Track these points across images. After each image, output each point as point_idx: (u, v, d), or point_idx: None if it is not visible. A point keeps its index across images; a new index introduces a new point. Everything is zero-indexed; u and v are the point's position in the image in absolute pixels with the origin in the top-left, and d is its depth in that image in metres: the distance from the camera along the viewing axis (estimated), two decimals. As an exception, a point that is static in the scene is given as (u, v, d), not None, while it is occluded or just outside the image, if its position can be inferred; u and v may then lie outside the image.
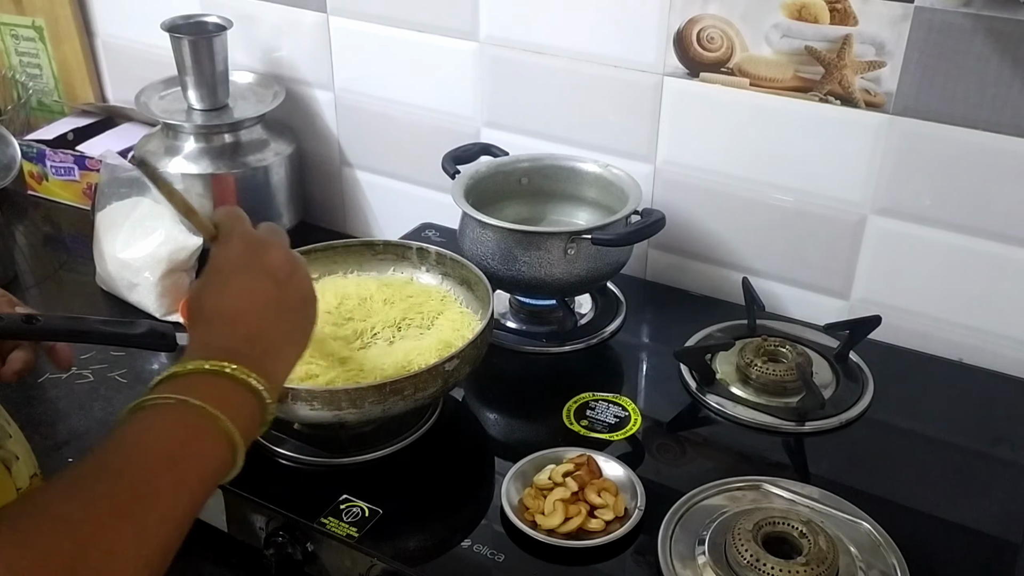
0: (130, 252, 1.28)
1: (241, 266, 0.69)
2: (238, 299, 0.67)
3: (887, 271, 1.17)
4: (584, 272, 1.13)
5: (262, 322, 0.66)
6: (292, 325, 0.70)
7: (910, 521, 0.91)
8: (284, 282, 0.69)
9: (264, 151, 1.42)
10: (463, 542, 0.87)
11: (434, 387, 0.93)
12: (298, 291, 0.71)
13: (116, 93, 1.74)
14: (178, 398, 0.57)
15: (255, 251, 0.70)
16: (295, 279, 0.71)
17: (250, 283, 0.68)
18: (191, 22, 1.40)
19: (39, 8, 1.68)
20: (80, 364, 1.18)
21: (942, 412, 1.07)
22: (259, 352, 0.64)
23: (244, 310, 0.66)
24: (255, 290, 0.68)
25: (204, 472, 0.57)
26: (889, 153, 1.11)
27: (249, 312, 0.66)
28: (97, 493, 0.51)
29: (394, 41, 1.38)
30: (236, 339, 0.64)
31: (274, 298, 0.68)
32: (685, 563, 0.84)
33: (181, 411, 0.57)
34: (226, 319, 0.65)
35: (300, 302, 0.71)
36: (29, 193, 1.62)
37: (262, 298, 0.67)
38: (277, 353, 0.67)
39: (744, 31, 1.13)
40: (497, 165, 1.26)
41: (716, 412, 1.05)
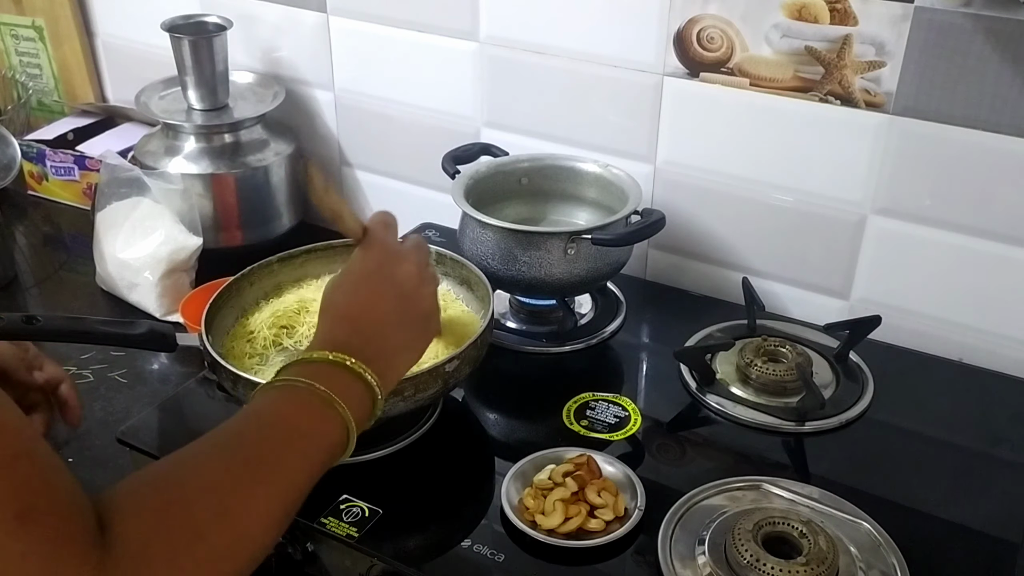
0: (130, 252, 1.28)
1: (373, 273, 0.75)
2: (364, 303, 0.73)
3: (887, 271, 1.18)
4: (584, 272, 1.13)
5: (382, 327, 0.72)
6: (410, 335, 0.76)
7: (910, 521, 0.91)
8: (409, 295, 0.76)
9: (264, 151, 1.42)
10: (463, 542, 0.87)
11: (434, 388, 0.93)
12: (421, 305, 0.77)
13: (116, 93, 1.74)
14: (306, 382, 0.64)
15: (390, 261, 0.76)
16: (420, 294, 0.77)
17: (378, 290, 0.74)
18: (191, 22, 1.40)
19: (39, 8, 1.68)
20: (80, 364, 1.18)
21: (942, 412, 1.07)
22: (375, 353, 0.69)
23: (368, 314, 0.72)
24: (381, 297, 0.74)
25: (324, 450, 0.63)
26: (889, 153, 1.11)
27: (372, 316, 0.72)
28: (237, 457, 0.59)
29: (394, 41, 1.38)
30: (357, 338, 0.70)
31: (396, 308, 0.74)
32: (685, 563, 0.84)
33: (308, 394, 0.64)
34: (351, 319, 0.72)
35: (422, 316, 0.78)
36: (29, 193, 1.62)
37: (385, 306, 0.74)
38: (391, 357, 0.72)
39: (744, 31, 1.13)
40: (497, 165, 1.26)
41: (716, 412, 1.05)
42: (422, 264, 0.79)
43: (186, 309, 1.19)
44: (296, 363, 0.67)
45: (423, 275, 0.78)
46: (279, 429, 0.62)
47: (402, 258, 0.77)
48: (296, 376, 0.65)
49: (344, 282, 0.75)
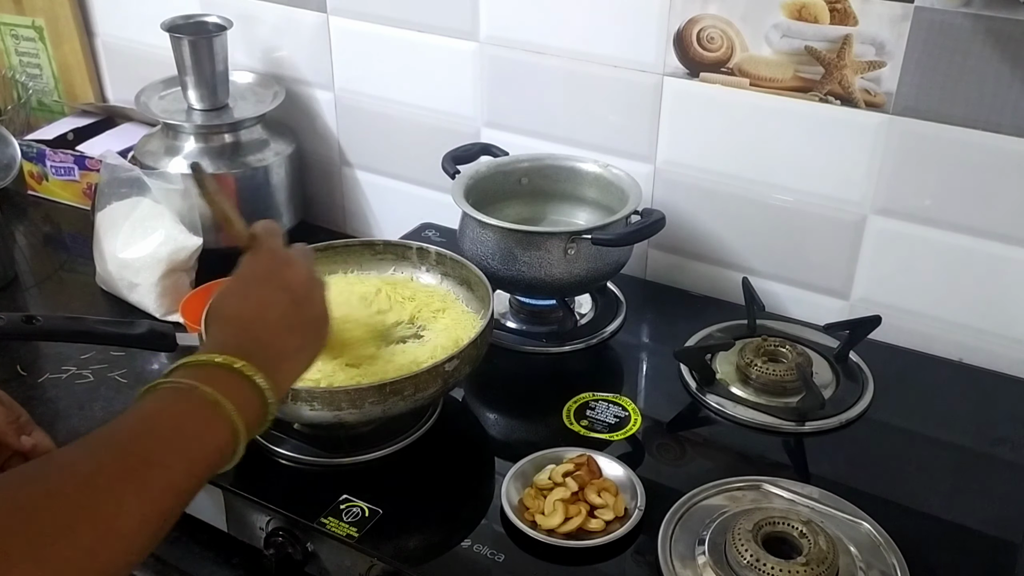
0: (130, 252, 1.28)
1: (263, 277, 0.74)
2: (255, 306, 0.72)
3: (887, 271, 1.18)
4: (584, 272, 1.13)
5: (273, 331, 0.71)
6: (302, 339, 0.74)
7: (910, 521, 0.91)
8: (301, 299, 0.74)
9: (264, 151, 1.42)
10: (463, 542, 0.87)
11: (434, 387, 0.93)
12: (313, 310, 0.76)
13: (116, 93, 1.74)
14: (190, 383, 0.62)
15: (279, 266, 0.75)
16: (311, 298, 0.76)
17: (269, 294, 0.73)
18: (191, 22, 1.40)
19: (39, 8, 1.68)
20: (80, 364, 1.18)
21: (942, 412, 1.07)
22: (267, 357, 0.68)
23: (259, 317, 0.71)
24: (272, 301, 0.72)
25: (208, 453, 0.61)
26: (889, 153, 1.11)
27: (263, 320, 0.71)
28: (109, 454, 0.56)
29: (394, 41, 1.38)
30: (248, 341, 0.68)
31: (288, 312, 0.73)
32: (685, 563, 0.84)
33: (192, 395, 0.62)
34: (241, 322, 0.70)
35: (313, 321, 0.76)
36: (29, 193, 1.62)
37: (277, 310, 0.72)
38: (283, 361, 0.70)
39: (744, 31, 1.13)
40: (497, 165, 1.26)
41: (716, 412, 1.05)
42: (311, 269, 0.78)
43: (186, 309, 1.19)
44: (183, 366, 0.64)
45: (311, 280, 0.77)
46: (159, 429, 0.60)
47: (292, 263, 0.76)
48: (182, 378, 0.63)
49: (234, 287, 0.74)
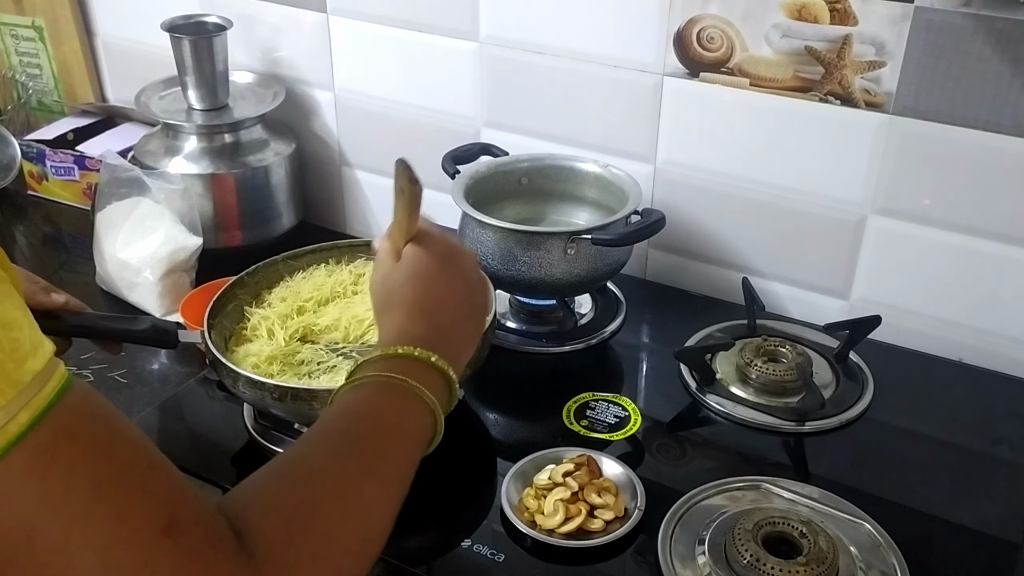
0: (130, 252, 1.28)
1: (443, 266, 0.76)
2: (438, 295, 0.74)
3: (887, 271, 1.18)
4: (584, 272, 1.13)
5: (454, 317, 0.74)
6: (475, 325, 0.78)
7: (910, 521, 0.91)
8: (475, 287, 0.78)
9: (264, 151, 1.42)
10: (463, 542, 0.87)
11: (434, 387, 0.92)
12: (483, 297, 0.80)
13: (116, 93, 1.74)
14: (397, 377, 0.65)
15: (455, 256, 0.78)
16: (482, 286, 0.80)
17: (450, 284, 0.75)
18: (191, 22, 1.40)
19: (39, 8, 1.68)
20: (80, 364, 1.18)
21: (942, 412, 1.07)
22: (447, 343, 0.71)
23: (441, 306, 0.74)
24: (451, 291, 0.75)
25: (420, 442, 0.65)
26: (889, 153, 1.11)
27: (445, 309, 0.74)
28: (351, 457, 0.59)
29: (394, 41, 1.38)
30: (431, 329, 0.71)
31: (466, 298, 0.76)
32: (685, 563, 0.84)
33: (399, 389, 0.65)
34: (426, 312, 0.73)
35: (483, 307, 0.81)
36: (29, 193, 1.62)
37: (455, 299, 0.75)
38: (461, 346, 0.75)
39: (744, 31, 1.13)
40: (497, 165, 1.26)
41: (716, 412, 1.05)
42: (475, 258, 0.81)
43: (186, 309, 1.19)
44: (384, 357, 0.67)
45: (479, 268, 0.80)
46: (381, 425, 0.63)
47: (464, 253, 0.79)
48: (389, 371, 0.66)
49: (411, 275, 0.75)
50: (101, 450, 0.45)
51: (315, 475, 0.56)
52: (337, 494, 0.56)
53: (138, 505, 0.45)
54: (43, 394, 0.43)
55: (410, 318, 0.72)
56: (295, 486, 0.55)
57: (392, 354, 0.67)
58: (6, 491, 0.42)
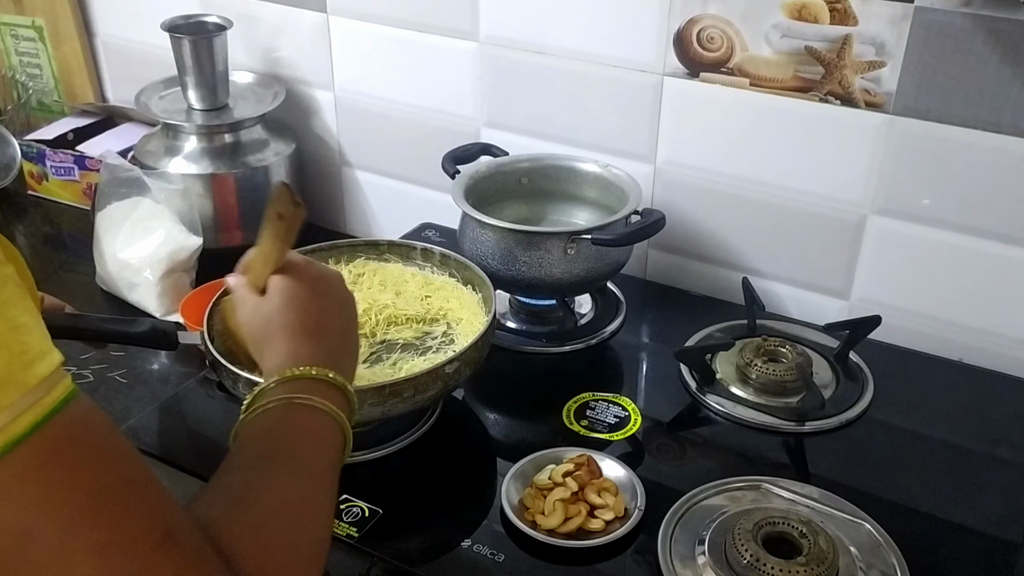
0: (130, 252, 1.28)
1: (315, 290, 0.77)
2: (318, 317, 0.75)
3: (887, 271, 1.18)
4: (584, 272, 1.13)
5: (337, 334, 0.76)
6: (355, 340, 0.80)
7: (910, 521, 0.91)
8: (347, 302, 0.80)
9: (264, 151, 1.42)
10: (463, 542, 0.87)
11: (434, 389, 0.92)
12: (354, 310, 0.81)
13: (116, 93, 1.74)
14: (301, 397, 0.67)
15: (323, 278, 0.79)
16: (351, 301, 0.81)
17: (325, 303, 0.77)
18: (191, 22, 1.40)
19: (39, 8, 1.68)
20: (80, 364, 1.18)
21: (942, 412, 1.07)
22: (337, 359, 0.73)
23: (324, 325, 0.75)
24: (329, 309, 0.77)
25: (336, 452, 0.68)
26: (889, 153, 1.11)
27: (328, 327, 0.76)
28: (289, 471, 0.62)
29: (394, 41, 1.38)
30: (320, 350, 0.73)
31: (344, 315, 0.78)
32: (685, 563, 0.84)
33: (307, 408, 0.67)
34: (310, 333, 0.74)
35: (355, 320, 0.82)
36: (29, 193, 1.62)
37: (335, 315, 0.77)
38: (350, 360, 0.77)
39: (744, 31, 1.13)
40: (497, 165, 1.26)
41: (716, 412, 1.05)
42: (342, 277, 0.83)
43: (186, 309, 1.19)
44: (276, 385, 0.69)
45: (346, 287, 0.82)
46: (301, 441, 0.65)
47: (330, 274, 0.81)
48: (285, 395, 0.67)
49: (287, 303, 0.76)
50: (103, 458, 0.46)
51: (262, 491, 0.59)
52: (288, 508, 0.59)
53: (139, 513, 0.46)
54: (48, 399, 0.44)
55: (296, 342, 0.73)
56: (249, 509, 0.57)
57: (289, 377, 0.69)
58: (7, 491, 0.42)
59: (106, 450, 0.46)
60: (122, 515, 0.45)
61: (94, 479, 0.45)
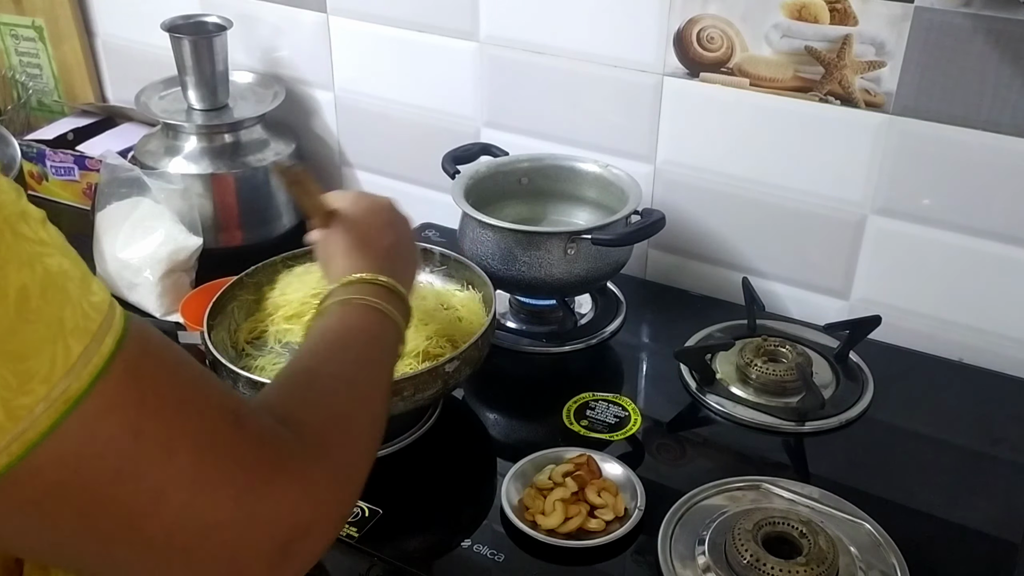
0: (130, 252, 1.28)
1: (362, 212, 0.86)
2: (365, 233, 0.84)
3: (887, 271, 1.18)
4: (584, 272, 1.13)
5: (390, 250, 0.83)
6: (409, 250, 0.88)
7: (910, 521, 0.91)
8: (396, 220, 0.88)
9: (264, 151, 1.42)
10: (463, 542, 0.87)
11: (434, 388, 0.92)
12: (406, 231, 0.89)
13: (116, 93, 1.74)
14: (357, 298, 0.75)
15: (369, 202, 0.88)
16: (404, 223, 0.90)
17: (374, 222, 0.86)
18: (191, 22, 1.40)
19: (39, 8, 1.68)
20: (80, 364, 1.18)
21: (942, 412, 1.07)
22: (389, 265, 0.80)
23: (371, 239, 0.83)
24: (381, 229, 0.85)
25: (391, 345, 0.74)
26: (889, 153, 1.11)
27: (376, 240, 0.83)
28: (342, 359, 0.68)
29: (394, 41, 1.38)
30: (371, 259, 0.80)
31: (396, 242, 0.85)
32: (685, 563, 0.84)
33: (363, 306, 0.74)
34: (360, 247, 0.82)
35: (415, 248, 0.91)
36: (29, 193, 1.60)
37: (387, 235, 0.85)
38: (404, 269, 0.84)
39: (744, 31, 1.13)
40: (497, 165, 1.26)
41: (716, 412, 1.05)
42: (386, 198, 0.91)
43: (186, 309, 1.19)
44: (336, 290, 0.76)
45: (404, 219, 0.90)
46: (360, 333, 0.72)
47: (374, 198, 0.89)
48: (363, 294, 0.75)
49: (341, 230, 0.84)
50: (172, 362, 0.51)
51: (324, 377, 0.65)
52: (344, 387, 0.65)
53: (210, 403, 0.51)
54: (116, 322, 0.48)
55: (349, 257, 0.81)
56: (309, 388, 0.63)
57: (345, 283, 0.77)
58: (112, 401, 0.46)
59: (171, 356, 0.51)
60: (202, 405, 0.50)
61: (172, 380, 0.50)
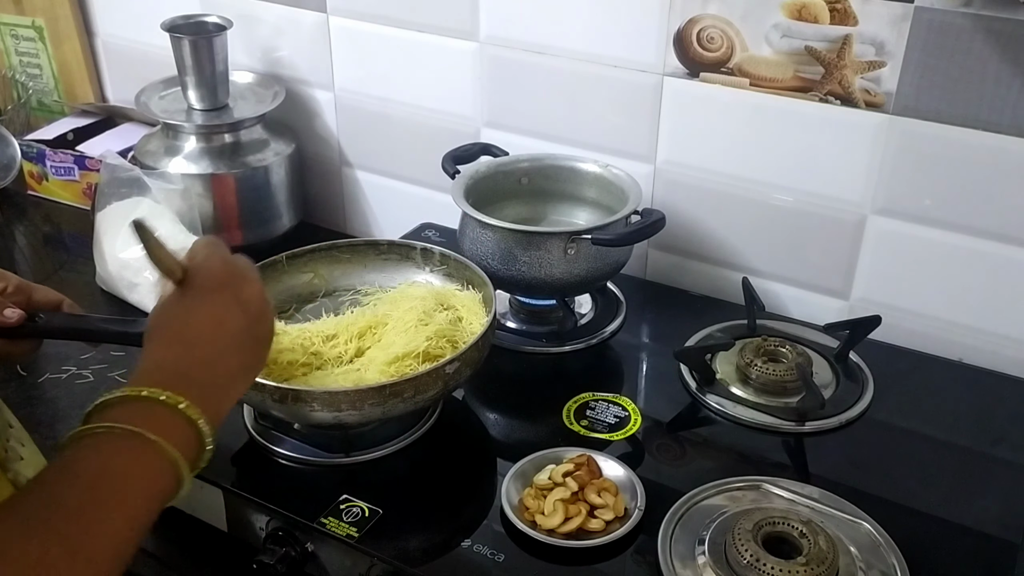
0: (130, 252, 1.28)
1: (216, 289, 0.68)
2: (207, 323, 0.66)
3: (887, 271, 1.18)
4: (584, 272, 1.13)
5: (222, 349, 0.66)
6: (251, 359, 0.70)
7: (910, 521, 0.91)
8: (255, 317, 0.70)
9: (264, 151, 1.42)
10: (463, 542, 0.87)
11: (434, 389, 0.92)
12: (263, 329, 0.71)
13: (116, 93, 1.74)
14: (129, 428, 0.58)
15: (233, 279, 0.70)
16: (264, 317, 0.71)
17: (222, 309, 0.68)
18: (191, 22, 1.40)
19: (39, 8, 1.68)
20: (80, 364, 1.18)
21: (942, 412, 1.07)
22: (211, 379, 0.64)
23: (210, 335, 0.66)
24: (225, 317, 0.67)
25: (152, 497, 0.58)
26: (889, 153, 1.11)
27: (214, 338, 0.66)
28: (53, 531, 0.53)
29: (394, 41, 1.38)
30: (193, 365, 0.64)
31: (241, 328, 0.68)
32: (685, 563, 0.84)
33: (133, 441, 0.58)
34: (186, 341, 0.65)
35: (263, 340, 0.71)
36: (29, 193, 1.62)
37: (229, 326, 0.67)
38: (228, 383, 0.67)
39: (744, 31, 1.13)
40: (497, 165, 1.26)
41: (716, 412, 1.05)
42: (262, 285, 0.73)
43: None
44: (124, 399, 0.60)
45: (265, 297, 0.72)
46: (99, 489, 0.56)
47: (246, 277, 0.71)
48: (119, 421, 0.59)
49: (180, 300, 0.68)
50: None
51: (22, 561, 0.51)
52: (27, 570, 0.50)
53: None
54: None
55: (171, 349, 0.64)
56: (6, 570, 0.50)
57: (134, 396, 0.60)
58: None
59: None
60: None
61: None
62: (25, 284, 0.85)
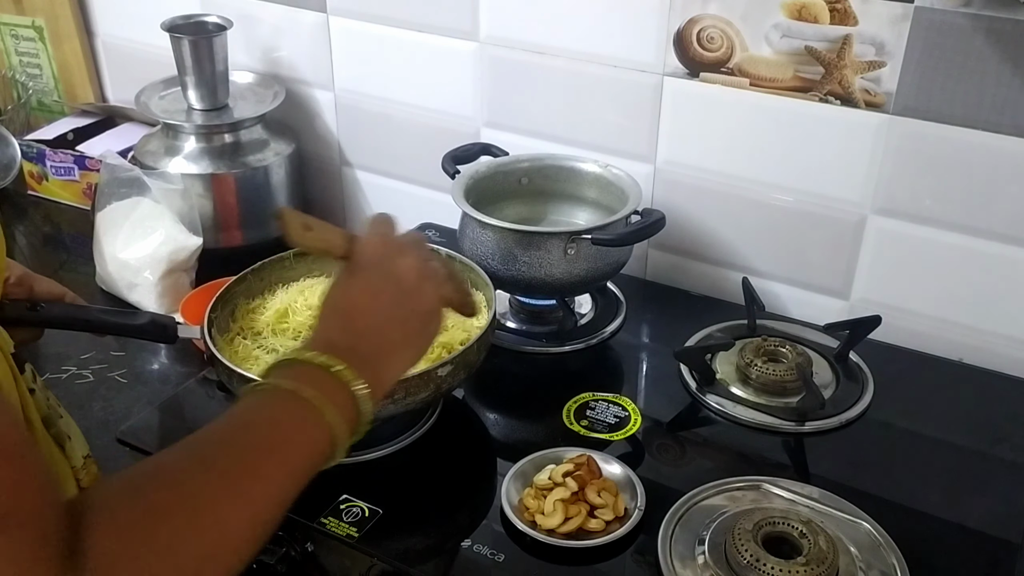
0: (130, 252, 1.28)
1: (370, 264, 0.71)
2: (361, 295, 0.69)
3: (887, 271, 1.18)
4: (584, 272, 1.13)
5: (377, 320, 0.68)
6: (409, 331, 0.71)
7: (910, 521, 0.91)
8: (409, 290, 0.71)
9: (264, 151, 1.42)
10: (463, 542, 0.87)
11: (425, 392, 0.91)
12: (422, 302, 0.72)
13: (116, 93, 1.74)
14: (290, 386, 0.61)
15: (389, 253, 0.72)
16: (422, 290, 0.72)
17: (375, 282, 0.70)
18: (191, 22, 1.40)
19: (39, 8, 1.68)
20: (80, 364, 1.18)
21: (942, 412, 1.07)
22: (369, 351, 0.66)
23: (364, 307, 0.69)
24: (377, 289, 0.70)
25: (307, 458, 0.60)
26: (889, 153, 1.11)
27: (367, 309, 0.68)
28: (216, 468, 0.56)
29: (394, 41, 1.38)
30: (351, 334, 0.67)
31: (396, 301, 0.70)
32: (685, 563, 0.84)
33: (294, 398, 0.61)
34: (346, 312, 0.68)
35: (422, 314, 0.72)
36: (29, 193, 1.62)
37: (383, 299, 0.69)
38: (388, 354, 0.69)
39: (744, 31, 1.13)
40: (497, 165, 1.26)
41: (716, 412, 1.05)
42: (423, 258, 0.73)
43: (186, 309, 1.19)
44: (287, 362, 0.64)
45: (424, 270, 0.72)
46: (262, 436, 0.59)
47: (403, 251, 0.72)
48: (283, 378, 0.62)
49: (340, 277, 0.71)
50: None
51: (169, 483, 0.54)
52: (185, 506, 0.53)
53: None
54: None
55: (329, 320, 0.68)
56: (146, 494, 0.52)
57: (297, 359, 0.63)
58: None
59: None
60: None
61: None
62: (28, 275, 0.87)
